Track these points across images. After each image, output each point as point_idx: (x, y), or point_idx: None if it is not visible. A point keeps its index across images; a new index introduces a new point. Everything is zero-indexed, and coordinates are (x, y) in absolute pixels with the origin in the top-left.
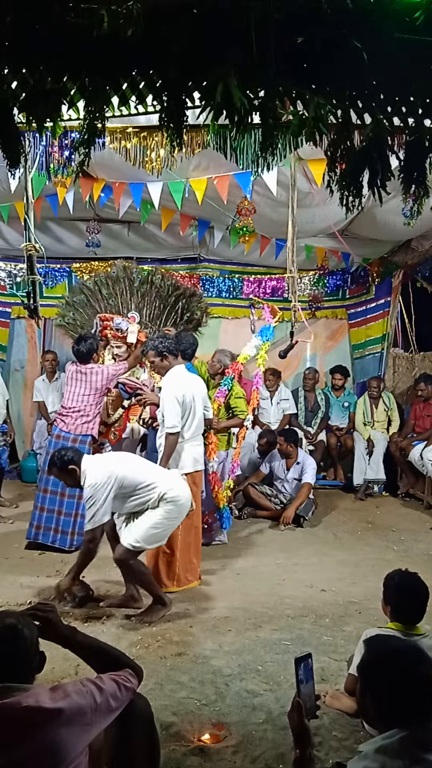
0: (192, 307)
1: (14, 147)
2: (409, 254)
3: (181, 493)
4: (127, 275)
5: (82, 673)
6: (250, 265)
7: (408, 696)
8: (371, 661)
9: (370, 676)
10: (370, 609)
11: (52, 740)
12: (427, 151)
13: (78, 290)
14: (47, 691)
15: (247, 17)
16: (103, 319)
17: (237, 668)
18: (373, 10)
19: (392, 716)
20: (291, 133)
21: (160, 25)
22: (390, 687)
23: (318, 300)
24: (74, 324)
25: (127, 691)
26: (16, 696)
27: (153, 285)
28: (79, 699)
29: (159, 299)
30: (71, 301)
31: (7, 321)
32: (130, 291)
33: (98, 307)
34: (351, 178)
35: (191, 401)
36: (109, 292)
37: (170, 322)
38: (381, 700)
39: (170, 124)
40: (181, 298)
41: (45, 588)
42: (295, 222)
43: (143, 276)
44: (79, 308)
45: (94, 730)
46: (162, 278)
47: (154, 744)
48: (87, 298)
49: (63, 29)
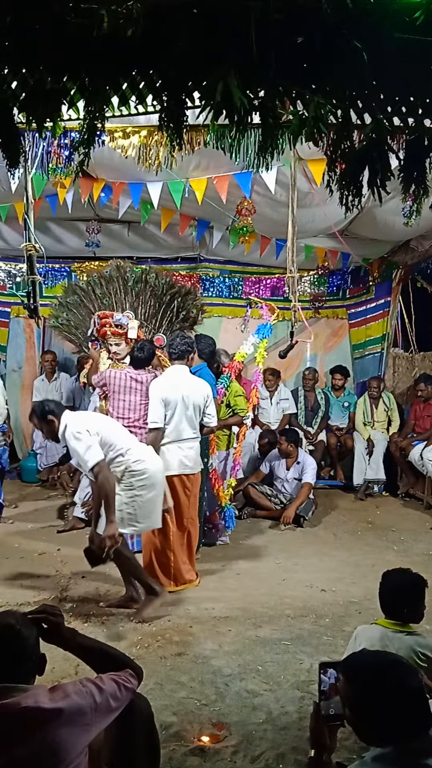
0: (187, 305)
1: (14, 147)
2: (409, 254)
3: (149, 466)
4: (121, 275)
5: (82, 673)
6: (250, 265)
7: (398, 712)
8: (355, 685)
9: (356, 699)
10: (370, 609)
11: (51, 740)
12: (427, 151)
13: (71, 290)
14: (47, 691)
15: (247, 17)
16: (101, 316)
17: (237, 668)
18: (373, 10)
19: (385, 734)
20: (291, 133)
21: (160, 25)
22: (379, 707)
23: (320, 299)
24: (68, 325)
25: (127, 691)
26: (16, 696)
27: (147, 284)
28: (79, 699)
29: (154, 298)
30: (64, 302)
31: (6, 321)
32: (124, 290)
33: (92, 307)
34: (351, 178)
35: (176, 402)
36: (102, 291)
37: (166, 320)
38: (371, 720)
39: (170, 124)
40: (176, 296)
41: (45, 588)
42: (295, 222)
43: (137, 275)
44: (73, 309)
45: (93, 730)
46: (156, 277)
47: (154, 744)
48: (80, 298)
49: (63, 29)
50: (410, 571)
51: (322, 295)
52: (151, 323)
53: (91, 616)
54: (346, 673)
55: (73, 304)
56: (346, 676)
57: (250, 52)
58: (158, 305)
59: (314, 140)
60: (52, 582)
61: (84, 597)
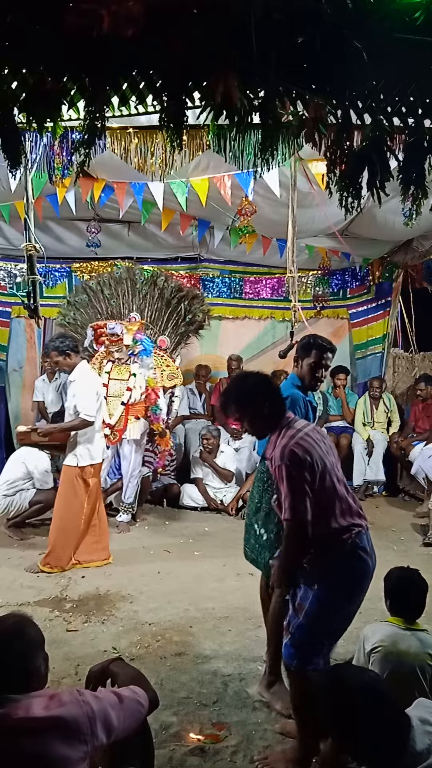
0: (194, 309)
1: (14, 147)
2: (409, 254)
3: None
4: (130, 276)
5: (82, 673)
6: (250, 265)
7: (373, 737)
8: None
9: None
10: (370, 609)
11: (43, 751)
12: (426, 152)
13: (80, 290)
14: (42, 700)
15: (247, 17)
16: (95, 327)
17: (237, 668)
18: (373, 10)
19: (362, 756)
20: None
21: (160, 25)
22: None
23: (323, 299)
24: (75, 323)
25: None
26: (7, 707)
27: (156, 286)
28: (74, 709)
29: (161, 301)
30: (73, 301)
31: (7, 321)
32: (132, 292)
33: (99, 307)
34: (350, 179)
35: (101, 394)
36: (111, 292)
37: (171, 323)
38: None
39: (170, 124)
40: (184, 300)
41: (45, 588)
42: (295, 222)
43: (146, 277)
44: (81, 308)
45: (92, 741)
46: (165, 280)
47: (147, 743)
48: (89, 298)
49: (63, 29)
50: (417, 571)
51: (325, 295)
52: (156, 325)
53: (91, 616)
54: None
55: (81, 304)
56: (331, 688)
57: (250, 53)
58: (166, 308)
59: (314, 141)
60: (52, 582)
61: (84, 597)
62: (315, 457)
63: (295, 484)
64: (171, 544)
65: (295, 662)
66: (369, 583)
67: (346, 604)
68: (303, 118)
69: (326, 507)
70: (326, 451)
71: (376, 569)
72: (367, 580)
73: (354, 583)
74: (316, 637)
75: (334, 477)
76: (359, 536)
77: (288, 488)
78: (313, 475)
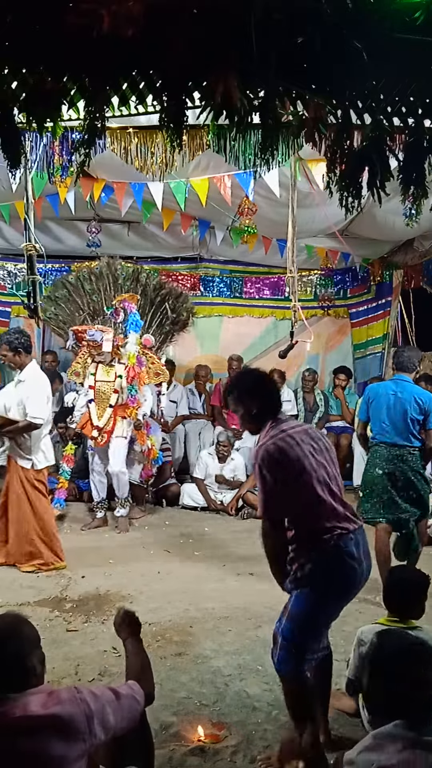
0: (179, 308)
1: (14, 147)
2: (409, 254)
3: None
4: (111, 271)
5: (82, 673)
6: (250, 265)
7: (413, 691)
8: (384, 654)
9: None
10: (370, 609)
11: (41, 749)
12: (426, 152)
13: (60, 285)
14: (39, 697)
15: (247, 17)
16: (76, 332)
17: (237, 668)
18: (373, 10)
19: (394, 708)
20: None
21: (160, 25)
22: (397, 681)
23: (327, 299)
24: (56, 319)
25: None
26: (4, 706)
27: (138, 282)
28: (72, 707)
29: (144, 298)
30: (53, 296)
31: (7, 320)
32: (114, 287)
33: (80, 302)
34: (350, 179)
35: (50, 399)
36: (92, 287)
37: (156, 321)
38: (386, 691)
39: (170, 124)
40: (168, 298)
41: (45, 588)
42: (295, 222)
43: (128, 272)
44: (61, 303)
45: (90, 740)
46: (147, 276)
47: (148, 742)
48: (69, 293)
49: (63, 29)
50: (416, 569)
51: (330, 295)
52: None
53: (91, 616)
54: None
55: (61, 299)
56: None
57: (250, 53)
58: (149, 306)
59: (314, 141)
60: (52, 582)
61: (84, 597)
62: (292, 457)
63: (265, 483)
64: (171, 544)
65: (283, 667)
66: (357, 590)
67: (333, 603)
68: (303, 118)
69: (305, 508)
70: (311, 452)
71: (375, 569)
72: (352, 586)
73: (335, 585)
74: (302, 638)
75: (314, 479)
76: (343, 539)
77: (260, 486)
78: (287, 475)
